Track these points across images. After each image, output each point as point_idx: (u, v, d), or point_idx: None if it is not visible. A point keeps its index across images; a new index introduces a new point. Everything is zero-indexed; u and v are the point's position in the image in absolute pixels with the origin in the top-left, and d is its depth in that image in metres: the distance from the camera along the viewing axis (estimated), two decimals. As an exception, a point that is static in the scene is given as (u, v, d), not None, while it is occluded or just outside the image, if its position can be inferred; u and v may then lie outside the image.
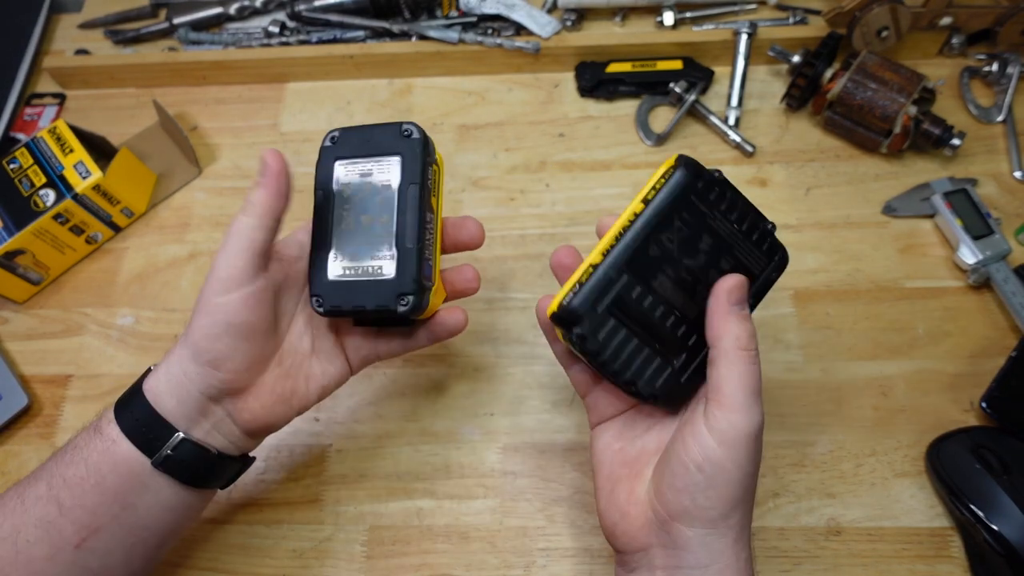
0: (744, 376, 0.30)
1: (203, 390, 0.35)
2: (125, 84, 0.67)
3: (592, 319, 0.32)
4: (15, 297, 0.56)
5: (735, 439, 0.30)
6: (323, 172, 0.38)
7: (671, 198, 0.33)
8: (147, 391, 0.36)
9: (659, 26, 0.65)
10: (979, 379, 0.48)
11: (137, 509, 0.35)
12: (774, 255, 0.36)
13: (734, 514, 0.31)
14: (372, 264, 0.36)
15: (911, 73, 0.55)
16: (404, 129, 0.37)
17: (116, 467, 0.35)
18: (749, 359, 0.31)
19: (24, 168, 0.55)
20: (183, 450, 0.35)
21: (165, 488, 0.36)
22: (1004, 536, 0.41)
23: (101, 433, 0.35)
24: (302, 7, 0.66)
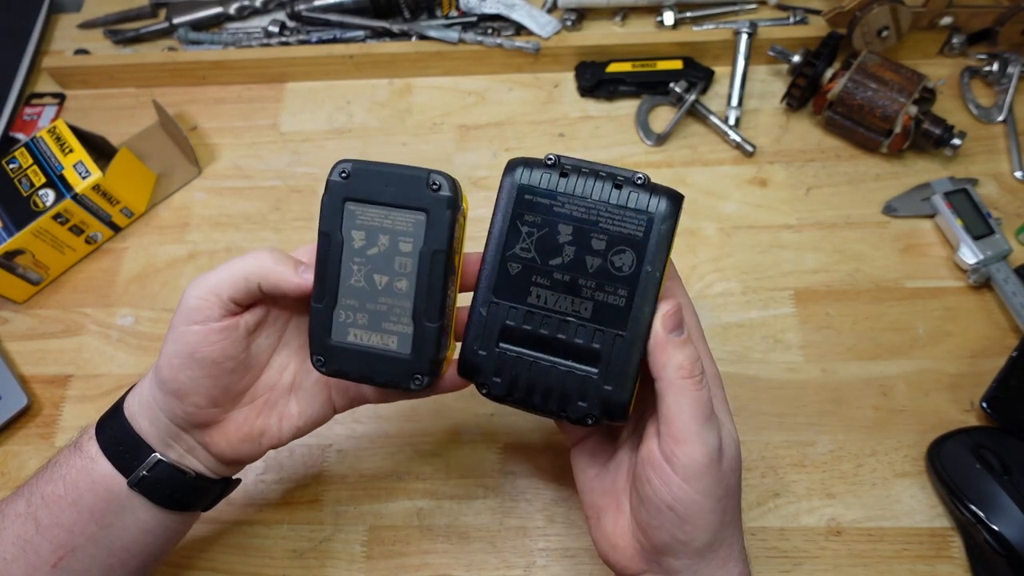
0: (693, 405, 0.29)
1: (169, 417, 0.34)
2: (125, 84, 0.67)
3: (488, 364, 0.31)
4: (15, 297, 0.56)
5: (697, 471, 0.29)
6: (330, 212, 0.32)
7: (506, 208, 0.31)
8: (126, 409, 0.35)
9: (659, 26, 0.65)
10: (979, 379, 0.48)
11: (114, 529, 0.34)
12: (657, 204, 0.31)
13: (718, 538, 0.30)
14: (384, 333, 0.33)
15: (911, 73, 0.55)
16: (433, 182, 0.31)
17: (94, 485, 0.34)
18: (694, 386, 0.30)
19: (24, 168, 0.55)
20: (159, 471, 0.34)
21: (142, 509, 0.35)
22: (1004, 536, 0.41)
23: (81, 450, 0.35)
24: (302, 7, 0.66)
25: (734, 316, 0.52)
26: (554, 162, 0.31)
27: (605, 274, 0.31)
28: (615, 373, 0.31)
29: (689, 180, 0.58)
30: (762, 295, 0.53)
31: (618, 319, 0.31)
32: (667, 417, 0.30)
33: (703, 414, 0.29)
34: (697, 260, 0.55)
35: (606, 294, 0.31)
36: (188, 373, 0.32)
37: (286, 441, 0.37)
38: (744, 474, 0.46)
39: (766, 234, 0.55)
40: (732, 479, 0.31)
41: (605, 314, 0.31)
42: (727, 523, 0.31)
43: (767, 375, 0.50)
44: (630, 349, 0.31)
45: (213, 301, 0.32)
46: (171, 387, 0.33)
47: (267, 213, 0.59)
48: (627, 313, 0.31)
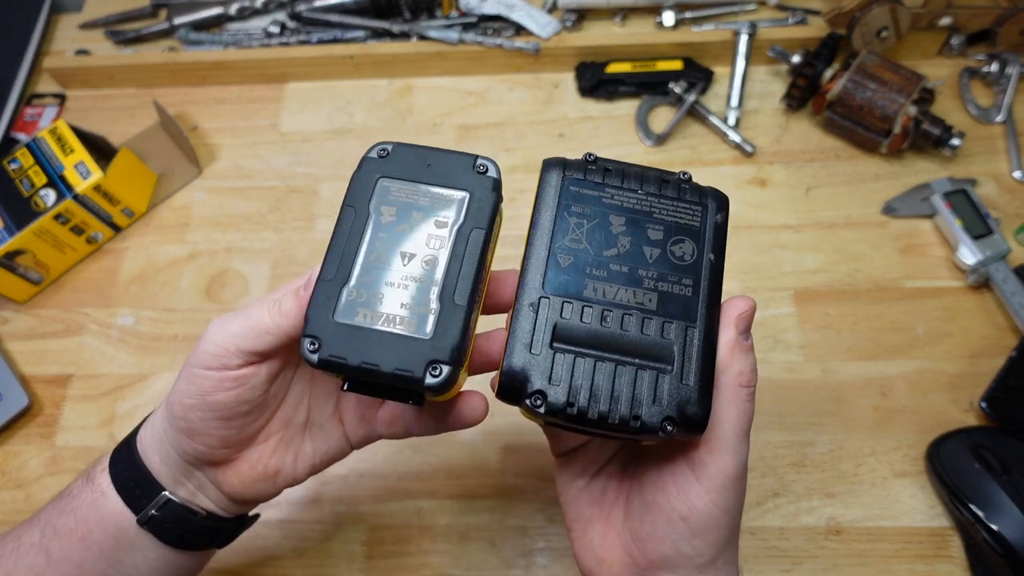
0: (740, 416, 0.28)
1: (180, 454, 0.32)
2: (125, 84, 0.67)
3: (540, 369, 0.26)
4: (16, 297, 0.56)
5: (724, 484, 0.27)
6: (360, 186, 0.29)
7: (552, 200, 0.29)
8: (138, 442, 0.33)
9: (659, 26, 0.65)
10: (979, 379, 0.48)
11: (124, 567, 0.33)
12: (705, 199, 0.30)
13: (721, 556, 0.29)
14: (402, 313, 0.27)
15: (911, 73, 0.55)
16: (479, 164, 0.29)
17: (103, 521, 0.32)
18: (747, 396, 0.28)
19: (25, 168, 0.55)
20: (168, 510, 0.32)
21: (152, 548, 0.33)
22: (1004, 536, 0.41)
23: (92, 483, 0.33)
24: (302, 7, 0.66)
25: (734, 316, 0.52)
26: (594, 160, 0.30)
27: (666, 263, 0.28)
28: (692, 370, 0.27)
29: (689, 180, 0.58)
30: (762, 295, 0.53)
31: (687, 310, 0.28)
32: (712, 422, 0.27)
33: (746, 428, 0.28)
34: (697, 260, 0.55)
35: (670, 284, 0.28)
36: (199, 414, 0.30)
37: (302, 479, 0.35)
38: (744, 474, 0.47)
39: (766, 234, 0.56)
40: (743, 498, 0.29)
41: (673, 305, 0.28)
42: (733, 542, 0.29)
43: (767, 375, 0.50)
44: (704, 343, 0.27)
45: (232, 351, 0.30)
46: (182, 424, 0.31)
47: (267, 213, 0.59)
48: (695, 303, 0.28)
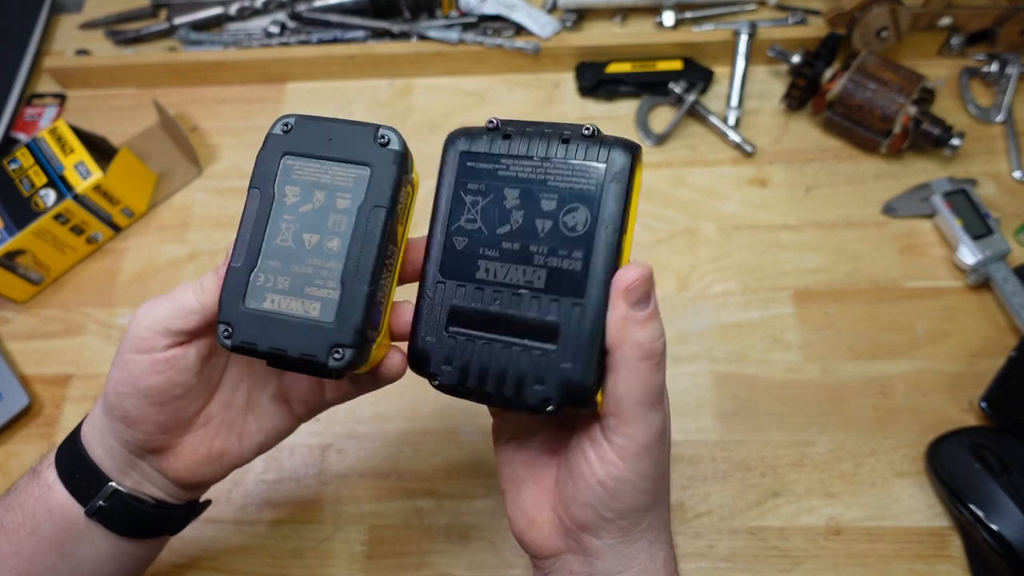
0: (644, 387, 0.27)
1: (121, 444, 0.32)
2: (125, 84, 0.67)
3: (437, 351, 0.28)
4: (16, 297, 0.56)
5: (635, 451, 0.27)
6: (264, 167, 0.29)
7: (449, 180, 0.29)
8: (82, 436, 0.33)
9: (659, 26, 0.65)
10: (979, 379, 0.48)
11: (75, 558, 0.33)
12: (609, 155, 0.28)
13: (644, 519, 0.29)
14: (306, 299, 0.28)
15: (911, 73, 0.55)
16: (381, 135, 0.29)
17: (51, 514, 0.32)
18: (649, 368, 0.27)
19: (25, 168, 0.55)
20: (116, 500, 0.32)
21: (102, 538, 0.33)
22: (1003, 536, 0.42)
23: (39, 478, 0.33)
24: (302, 7, 0.66)
25: (734, 316, 0.52)
26: (495, 125, 0.29)
27: (557, 236, 0.28)
28: (574, 348, 0.27)
29: (689, 180, 0.58)
30: (762, 295, 0.53)
31: (575, 286, 0.27)
32: (615, 395, 0.27)
33: (653, 397, 0.27)
34: (697, 260, 0.55)
35: (560, 259, 0.28)
36: (133, 401, 0.30)
37: (249, 459, 0.35)
38: (744, 474, 0.47)
39: (766, 234, 0.56)
40: (663, 464, 0.29)
41: (560, 282, 0.27)
42: (655, 505, 0.29)
43: (767, 375, 0.50)
44: (589, 320, 0.27)
45: (159, 332, 0.30)
46: (118, 413, 0.31)
47: (267, 213, 0.59)
48: (584, 278, 0.27)
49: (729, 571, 0.44)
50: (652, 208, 0.57)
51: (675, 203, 0.57)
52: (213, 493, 0.48)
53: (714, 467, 0.47)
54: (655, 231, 0.56)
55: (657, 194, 0.58)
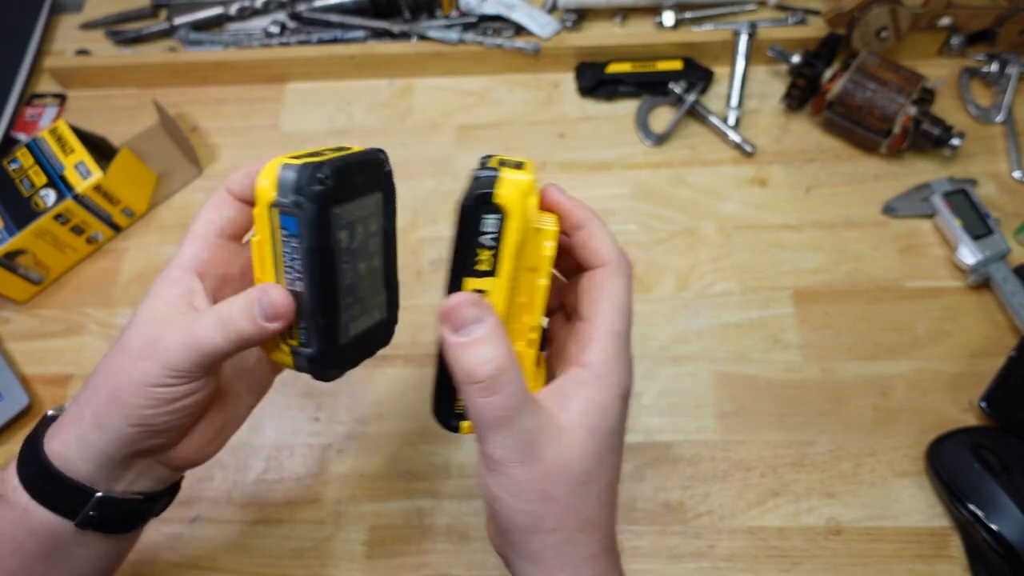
0: (477, 411, 0.26)
1: (129, 453, 0.31)
2: (126, 84, 0.67)
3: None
4: (16, 297, 0.56)
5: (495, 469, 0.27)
6: (322, 225, 0.28)
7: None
8: (54, 457, 0.31)
9: (659, 26, 0.65)
10: (979, 379, 0.48)
11: (65, 562, 0.33)
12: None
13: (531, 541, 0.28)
14: (370, 309, 0.33)
15: (910, 73, 0.55)
16: (382, 160, 0.31)
17: (34, 534, 0.31)
18: (479, 392, 0.26)
19: (25, 168, 0.56)
20: (107, 507, 0.32)
21: (92, 540, 0.33)
22: (1003, 536, 0.42)
23: (9, 503, 0.31)
24: (302, 7, 0.66)
25: (734, 316, 0.52)
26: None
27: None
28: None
29: (689, 180, 0.58)
30: (762, 295, 0.53)
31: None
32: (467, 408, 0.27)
33: (495, 419, 0.26)
34: (697, 260, 0.55)
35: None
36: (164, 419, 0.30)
37: (242, 423, 0.36)
38: (744, 474, 0.47)
39: (766, 234, 0.56)
40: (559, 487, 0.28)
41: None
42: (548, 530, 0.28)
43: (767, 375, 0.50)
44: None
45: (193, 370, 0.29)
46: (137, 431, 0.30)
47: (267, 213, 0.59)
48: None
49: (729, 571, 0.44)
50: (652, 208, 0.57)
51: (675, 203, 0.57)
52: (212, 493, 0.49)
53: (714, 467, 0.47)
54: (655, 231, 0.56)
55: (657, 194, 0.58)
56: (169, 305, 0.30)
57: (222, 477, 0.49)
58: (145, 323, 0.30)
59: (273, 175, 0.28)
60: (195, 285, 0.31)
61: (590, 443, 0.28)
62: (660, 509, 0.46)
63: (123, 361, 0.30)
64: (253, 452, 0.49)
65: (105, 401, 0.30)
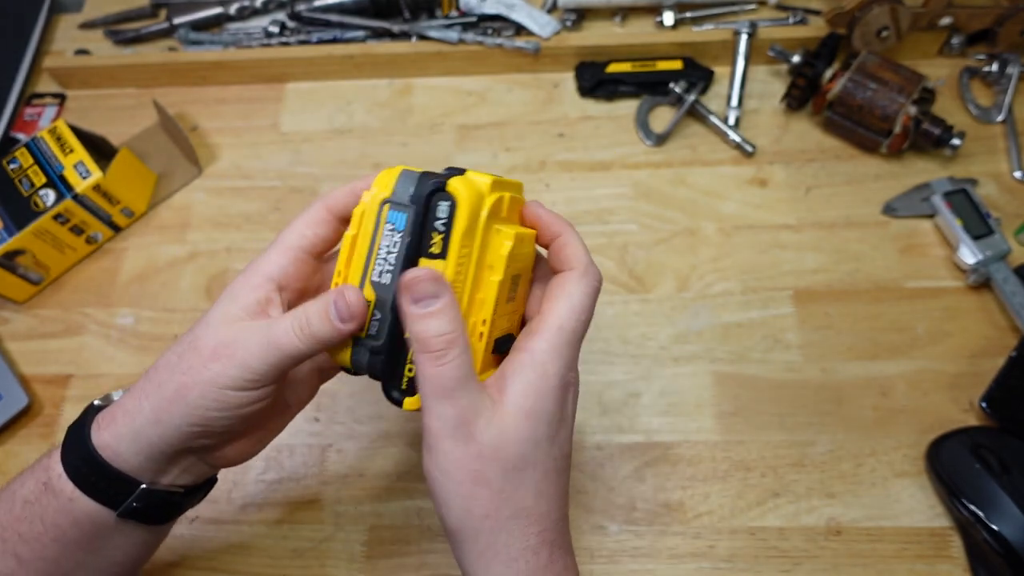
0: (428, 378, 0.28)
1: (179, 450, 0.32)
2: (125, 84, 0.67)
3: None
4: (15, 297, 0.56)
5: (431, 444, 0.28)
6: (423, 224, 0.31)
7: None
8: (102, 448, 0.32)
9: (659, 26, 0.65)
10: (979, 379, 0.48)
11: (104, 551, 0.34)
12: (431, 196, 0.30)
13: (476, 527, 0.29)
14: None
15: (911, 73, 0.55)
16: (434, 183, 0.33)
17: (77, 523, 0.32)
18: (431, 360, 0.28)
19: (24, 168, 0.55)
20: (150, 499, 0.33)
21: (131, 529, 0.34)
22: (1004, 536, 0.41)
23: (54, 491, 0.32)
24: (302, 7, 0.66)
25: (734, 316, 0.52)
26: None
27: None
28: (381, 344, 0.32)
29: (689, 180, 0.58)
30: (762, 295, 0.53)
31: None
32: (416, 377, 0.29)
33: (436, 389, 0.28)
34: (697, 260, 0.55)
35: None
36: (225, 422, 0.31)
37: (283, 428, 0.37)
38: (744, 474, 0.47)
39: (766, 234, 0.56)
40: (492, 469, 0.28)
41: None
42: (480, 516, 0.28)
43: (767, 375, 0.50)
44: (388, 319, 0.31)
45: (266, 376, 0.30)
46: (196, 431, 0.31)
47: (267, 213, 0.59)
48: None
49: (729, 571, 0.44)
50: (652, 208, 0.57)
51: (675, 203, 0.57)
52: (213, 494, 0.48)
53: (714, 467, 0.47)
54: (655, 231, 0.56)
55: (657, 194, 0.58)
56: (245, 310, 0.31)
57: (222, 477, 0.48)
58: (220, 324, 0.31)
59: (393, 177, 0.31)
60: (274, 296, 0.32)
61: (526, 428, 0.29)
62: (660, 509, 0.46)
63: (195, 360, 0.30)
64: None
65: (169, 398, 0.31)
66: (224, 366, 0.30)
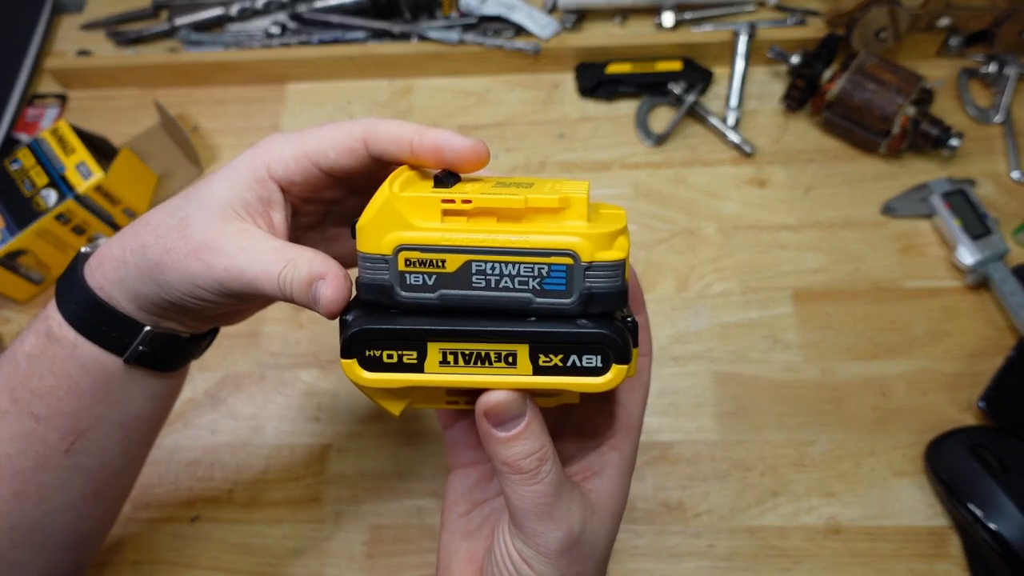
0: (523, 500, 0.26)
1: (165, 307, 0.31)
2: (127, 85, 0.67)
3: None
4: (17, 297, 0.56)
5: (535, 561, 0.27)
6: None
7: None
8: (98, 290, 0.31)
9: (659, 27, 0.65)
10: (978, 379, 0.48)
11: (120, 404, 0.33)
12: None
13: None
14: None
15: (909, 74, 0.55)
16: None
17: (87, 370, 0.32)
18: (523, 481, 0.26)
19: (26, 168, 0.56)
20: (155, 342, 0.32)
21: (143, 378, 0.33)
22: (1002, 535, 0.42)
23: (56, 339, 0.31)
24: (303, 8, 0.67)
25: (733, 316, 0.52)
26: None
27: None
28: None
29: (689, 180, 0.59)
30: (761, 295, 0.53)
31: None
32: (506, 497, 0.27)
33: (538, 507, 0.26)
34: (697, 260, 0.55)
35: None
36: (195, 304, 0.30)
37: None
38: (744, 473, 0.47)
39: (765, 234, 0.56)
40: (588, 567, 0.28)
41: None
42: None
43: (766, 375, 0.50)
44: None
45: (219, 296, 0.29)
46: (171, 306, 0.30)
47: (268, 213, 0.60)
48: None
49: (729, 571, 0.44)
50: (652, 208, 0.57)
51: (675, 203, 0.58)
52: (212, 493, 0.49)
53: (714, 467, 0.47)
54: (655, 231, 0.56)
55: (657, 194, 0.58)
56: (244, 206, 0.29)
57: (222, 477, 0.49)
58: (215, 215, 0.29)
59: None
60: (277, 197, 0.29)
61: (612, 526, 0.29)
62: (660, 509, 0.46)
63: (179, 245, 0.29)
64: (253, 452, 0.49)
65: (149, 267, 0.29)
66: (202, 269, 0.28)
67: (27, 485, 0.32)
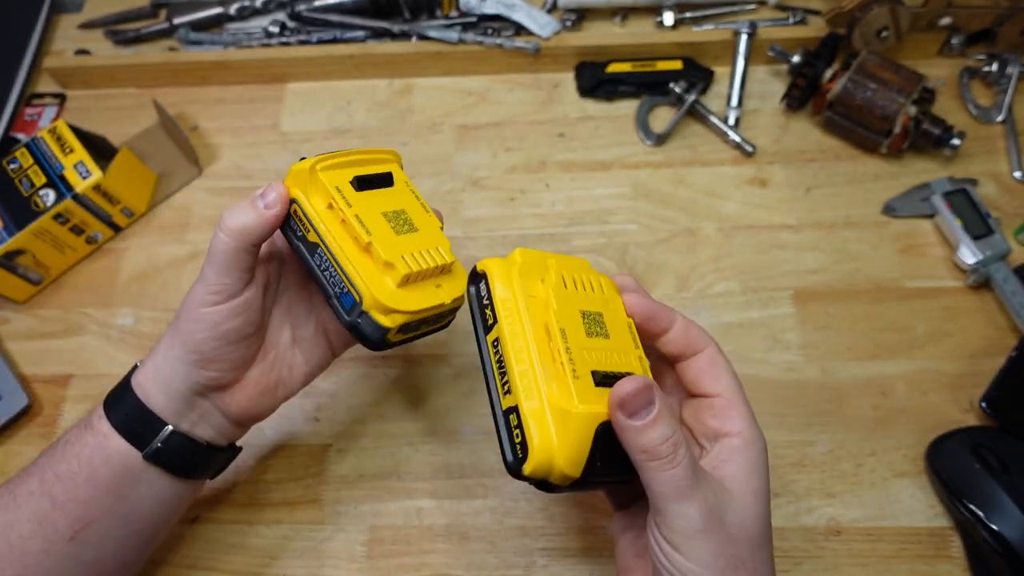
0: (663, 484, 0.28)
1: (190, 386, 0.36)
2: (125, 84, 0.67)
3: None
4: (15, 297, 0.56)
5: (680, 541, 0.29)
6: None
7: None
8: (136, 387, 0.37)
9: (659, 26, 0.65)
10: (979, 379, 0.48)
11: (129, 500, 0.36)
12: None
13: None
14: None
15: (911, 73, 0.55)
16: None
17: (108, 461, 0.36)
18: (661, 466, 0.28)
19: (24, 168, 0.55)
20: (173, 442, 0.36)
21: (157, 480, 0.37)
22: (1003, 536, 0.42)
23: (92, 429, 0.36)
24: (302, 7, 0.66)
25: (734, 316, 0.52)
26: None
27: None
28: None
29: (689, 180, 0.58)
30: (762, 295, 0.53)
31: None
32: (646, 487, 0.29)
33: (678, 490, 0.28)
34: (697, 260, 0.55)
35: None
36: (212, 344, 0.35)
37: (298, 389, 0.40)
38: (744, 474, 0.47)
39: (766, 234, 0.56)
40: (745, 550, 0.29)
41: None
42: None
43: (767, 375, 0.50)
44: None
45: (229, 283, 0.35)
46: (195, 357, 0.35)
47: (267, 213, 0.59)
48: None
49: (729, 571, 0.44)
50: (652, 208, 0.57)
51: (675, 203, 0.57)
52: (212, 494, 0.49)
53: (714, 467, 0.47)
54: (655, 231, 0.56)
55: (657, 194, 0.58)
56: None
57: (222, 477, 0.49)
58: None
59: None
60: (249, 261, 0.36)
61: (758, 506, 0.30)
62: (660, 509, 0.46)
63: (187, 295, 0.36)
64: (253, 452, 0.49)
65: (170, 332, 0.36)
66: (199, 286, 0.35)
67: (30, 570, 0.35)
